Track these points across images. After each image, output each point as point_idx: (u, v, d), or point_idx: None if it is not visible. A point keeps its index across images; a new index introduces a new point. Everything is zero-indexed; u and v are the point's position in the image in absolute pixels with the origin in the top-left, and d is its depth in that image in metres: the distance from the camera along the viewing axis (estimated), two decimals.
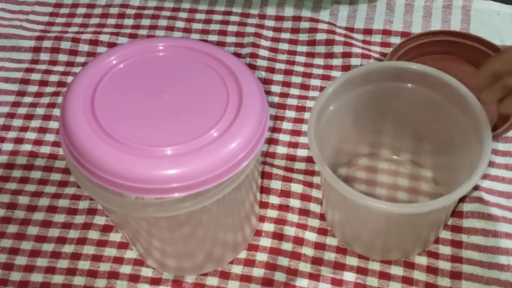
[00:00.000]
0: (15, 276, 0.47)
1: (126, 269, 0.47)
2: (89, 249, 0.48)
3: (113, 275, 0.47)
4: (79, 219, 0.50)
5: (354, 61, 0.57)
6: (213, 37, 0.61)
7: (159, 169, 0.34)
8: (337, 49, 0.58)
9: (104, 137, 0.35)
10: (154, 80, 0.38)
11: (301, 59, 0.59)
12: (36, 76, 0.59)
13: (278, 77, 0.57)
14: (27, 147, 0.54)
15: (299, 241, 0.48)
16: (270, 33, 0.61)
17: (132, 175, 0.34)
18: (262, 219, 0.49)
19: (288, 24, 0.61)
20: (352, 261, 0.47)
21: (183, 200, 0.36)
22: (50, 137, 0.54)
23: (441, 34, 0.56)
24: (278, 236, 0.48)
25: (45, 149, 0.54)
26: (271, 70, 0.58)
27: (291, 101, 0.56)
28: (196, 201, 0.36)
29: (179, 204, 0.36)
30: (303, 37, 0.60)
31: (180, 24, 0.62)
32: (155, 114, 0.37)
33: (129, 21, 0.62)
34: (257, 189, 0.45)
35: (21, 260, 0.48)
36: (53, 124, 0.55)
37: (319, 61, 0.58)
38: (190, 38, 0.61)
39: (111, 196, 0.36)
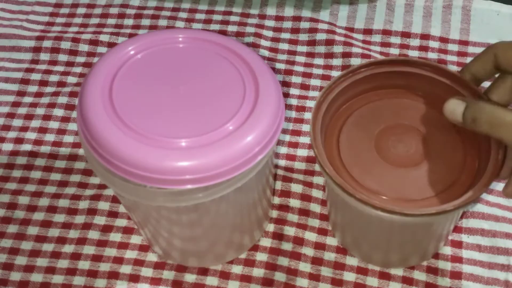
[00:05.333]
0: (15, 276, 0.47)
1: (126, 269, 0.47)
2: (89, 249, 0.48)
3: (113, 275, 0.47)
4: (79, 219, 0.50)
5: (354, 61, 0.57)
6: None
7: (173, 161, 0.34)
8: (337, 49, 0.58)
9: (121, 126, 0.35)
10: (171, 71, 0.38)
11: (301, 59, 0.59)
12: (36, 76, 0.59)
13: (278, 77, 0.57)
14: (27, 147, 0.54)
15: (299, 241, 0.48)
16: (270, 33, 0.61)
17: (146, 165, 0.34)
18: None
19: (288, 24, 0.61)
20: (352, 261, 0.47)
21: (195, 192, 0.36)
22: (50, 137, 0.54)
23: (387, 64, 0.44)
24: (278, 236, 0.48)
25: (45, 149, 0.54)
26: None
27: (291, 101, 0.56)
28: (208, 193, 0.36)
29: (191, 195, 0.36)
30: (303, 37, 0.60)
31: (180, 24, 0.62)
32: (171, 105, 0.37)
33: (129, 21, 0.62)
34: (269, 188, 0.46)
35: (21, 260, 0.48)
36: (53, 124, 0.55)
37: (319, 61, 0.58)
38: (210, 30, 0.60)
39: (124, 183, 0.36)
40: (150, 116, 0.36)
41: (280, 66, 0.58)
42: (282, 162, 0.52)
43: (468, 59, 0.57)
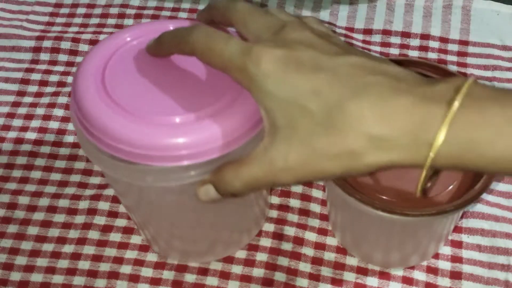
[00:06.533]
0: (15, 276, 0.47)
1: (126, 269, 0.47)
2: (89, 249, 0.48)
3: (113, 275, 0.47)
4: (79, 219, 0.50)
5: None
6: None
7: (167, 136, 0.34)
8: None
9: (112, 105, 0.35)
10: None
11: None
12: (36, 76, 0.59)
13: None
14: (27, 147, 0.54)
15: (299, 241, 0.48)
16: None
17: (135, 141, 0.34)
18: None
19: None
20: (352, 261, 0.47)
21: (189, 169, 0.35)
22: (50, 137, 0.54)
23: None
24: (278, 236, 0.48)
25: (45, 149, 0.54)
26: None
27: None
28: (202, 171, 0.36)
29: (185, 173, 0.36)
30: None
31: None
32: (164, 86, 0.37)
33: (129, 21, 0.62)
34: None
35: (21, 260, 0.48)
36: (53, 124, 0.55)
37: None
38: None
39: (117, 163, 0.36)
40: (142, 95, 0.36)
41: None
42: None
43: (468, 59, 0.58)
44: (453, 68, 0.57)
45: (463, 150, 0.27)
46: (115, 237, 0.49)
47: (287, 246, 0.48)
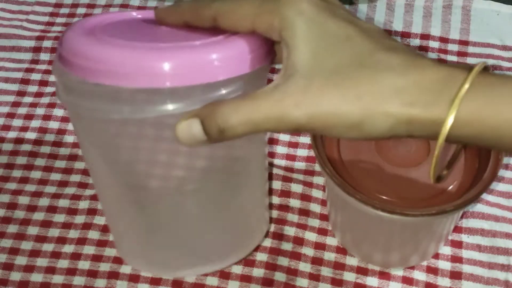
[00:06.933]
0: (15, 276, 0.47)
1: (126, 269, 0.47)
2: (89, 249, 0.48)
3: (113, 275, 0.47)
4: (79, 219, 0.50)
5: None
6: None
7: (151, 57, 0.31)
8: None
9: (93, 38, 0.34)
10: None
11: None
12: (36, 76, 0.59)
13: None
14: (27, 147, 0.54)
15: (299, 241, 0.48)
16: None
17: (112, 59, 0.32)
18: None
19: None
20: (352, 261, 0.47)
21: (167, 96, 0.32)
22: (50, 137, 0.54)
23: None
24: (278, 236, 0.48)
25: (45, 149, 0.54)
26: (271, 70, 0.58)
27: None
28: (184, 105, 0.32)
29: (165, 103, 0.32)
30: None
31: None
32: (151, 35, 0.35)
33: None
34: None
35: (21, 260, 0.48)
36: (53, 124, 0.55)
37: None
38: None
39: (95, 90, 0.33)
40: (127, 37, 0.34)
41: (281, 66, 0.58)
42: (282, 162, 0.52)
43: (468, 59, 0.58)
44: None
45: (482, 108, 0.28)
46: None
47: (287, 246, 0.48)
